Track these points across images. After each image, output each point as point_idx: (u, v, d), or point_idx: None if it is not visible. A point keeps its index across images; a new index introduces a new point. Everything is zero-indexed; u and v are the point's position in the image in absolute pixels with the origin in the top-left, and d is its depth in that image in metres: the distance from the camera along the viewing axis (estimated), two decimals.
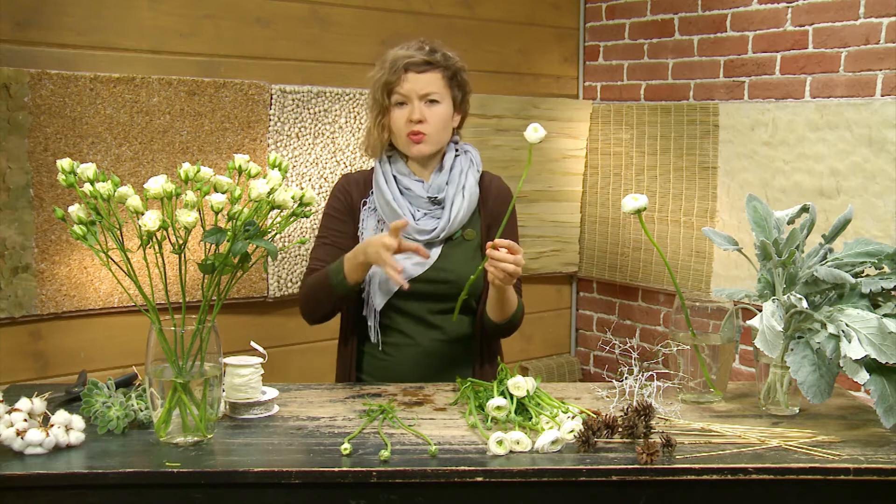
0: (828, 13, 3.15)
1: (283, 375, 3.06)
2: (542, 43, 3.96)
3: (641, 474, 1.48)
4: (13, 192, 2.64)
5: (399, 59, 2.02)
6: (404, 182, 2.07)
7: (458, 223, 2.06)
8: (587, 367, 4.24)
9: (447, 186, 2.07)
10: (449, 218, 2.04)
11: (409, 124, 2.02)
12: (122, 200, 1.52)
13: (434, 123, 2.03)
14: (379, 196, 2.07)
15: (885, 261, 1.74)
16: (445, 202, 2.06)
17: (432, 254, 2.05)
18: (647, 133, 3.80)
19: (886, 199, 2.99)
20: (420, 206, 2.06)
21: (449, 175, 2.08)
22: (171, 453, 1.52)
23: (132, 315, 2.89)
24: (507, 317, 2.05)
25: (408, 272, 2.01)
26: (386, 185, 2.06)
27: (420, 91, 2.02)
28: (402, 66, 2.01)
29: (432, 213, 2.06)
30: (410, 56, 2.02)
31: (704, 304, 1.88)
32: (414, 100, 2.02)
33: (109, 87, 2.77)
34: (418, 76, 2.02)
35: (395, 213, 2.03)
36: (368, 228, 2.08)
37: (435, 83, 2.03)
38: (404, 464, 1.48)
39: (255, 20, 3.10)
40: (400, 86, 2.02)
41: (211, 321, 1.58)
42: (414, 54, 2.02)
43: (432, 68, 2.03)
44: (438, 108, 2.04)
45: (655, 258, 3.80)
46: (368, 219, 2.09)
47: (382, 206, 2.06)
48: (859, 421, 1.76)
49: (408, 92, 2.02)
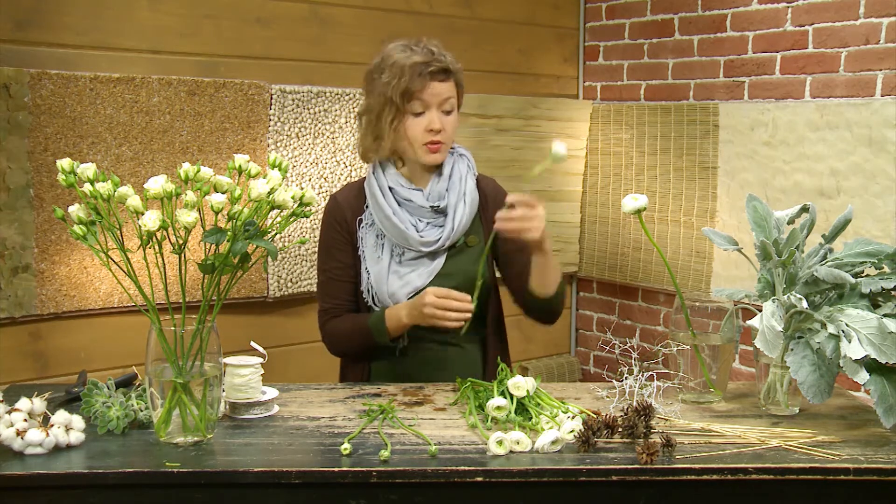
0: (828, 13, 3.15)
1: (283, 375, 3.06)
2: (542, 43, 3.96)
3: (641, 474, 1.48)
4: (13, 192, 2.64)
5: (419, 66, 1.94)
6: (402, 193, 2.02)
7: (461, 230, 2.03)
8: (587, 367, 4.24)
9: (448, 194, 2.03)
10: (453, 226, 2.01)
11: (428, 134, 1.98)
12: (122, 200, 1.52)
13: (449, 132, 2.01)
14: (377, 211, 2.02)
15: (885, 261, 1.74)
16: (448, 210, 2.02)
17: (435, 264, 2.02)
18: (647, 133, 3.80)
19: (886, 199, 2.99)
20: (422, 216, 2.02)
21: (448, 182, 2.04)
22: (171, 453, 1.52)
23: (132, 315, 2.89)
24: (552, 289, 1.98)
25: (413, 284, 2.00)
26: (384, 199, 2.01)
27: (440, 99, 1.98)
28: (426, 73, 1.95)
29: (435, 223, 2.03)
30: (429, 63, 1.95)
31: (704, 304, 1.88)
32: (433, 108, 1.98)
33: (109, 87, 2.77)
34: (440, 84, 1.97)
35: (396, 227, 1.99)
36: (368, 246, 2.04)
37: (451, 91, 2.00)
38: (404, 464, 1.48)
39: (255, 20, 3.10)
40: (422, 94, 1.96)
41: (211, 321, 1.58)
42: (432, 60, 1.96)
43: (448, 76, 1.99)
44: (452, 116, 2.01)
45: (655, 258, 3.80)
46: (367, 236, 2.05)
47: (382, 220, 2.01)
48: (859, 421, 1.76)
49: (429, 100, 1.97)
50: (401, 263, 2.02)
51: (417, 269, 2.00)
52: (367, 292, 2.03)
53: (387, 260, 2.02)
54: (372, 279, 2.02)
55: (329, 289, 2.08)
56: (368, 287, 2.03)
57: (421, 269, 2.00)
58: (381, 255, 2.03)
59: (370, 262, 2.03)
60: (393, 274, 2.01)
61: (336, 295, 2.07)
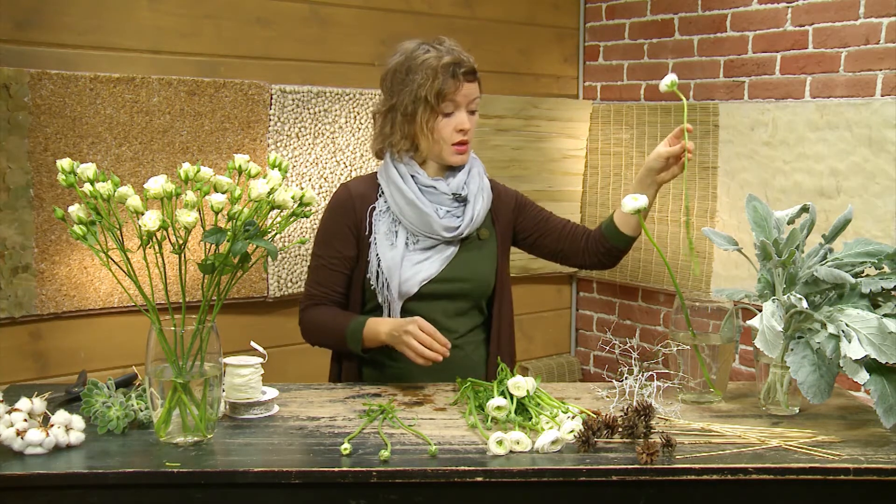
0: (828, 13, 3.15)
1: (282, 375, 3.06)
2: (542, 43, 3.96)
3: (641, 474, 1.48)
4: (13, 192, 2.64)
5: (451, 66, 1.96)
6: (423, 180, 2.03)
7: (478, 221, 2.06)
8: (587, 367, 4.24)
9: (467, 185, 2.06)
10: (472, 215, 2.03)
11: (457, 134, 2.00)
12: (122, 200, 1.52)
13: (473, 132, 2.05)
14: (397, 195, 2.02)
15: (885, 261, 1.74)
16: (469, 198, 2.05)
17: (448, 253, 2.03)
18: (647, 133, 3.80)
19: (886, 199, 2.99)
20: (443, 203, 2.04)
21: (468, 175, 2.07)
22: (171, 453, 1.52)
23: (132, 315, 2.89)
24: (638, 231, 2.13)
25: (427, 271, 2.00)
26: (405, 185, 2.02)
27: (469, 99, 2.01)
28: (459, 74, 1.97)
29: (454, 212, 2.04)
30: (460, 63, 1.97)
31: (704, 304, 1.88)
32: (462, 108, 2.00)
33: (109, 87, 2.77)
34: (470, 85, 2.00)
35: (420, 211, 2.00)
36: (381, 232, 2.04)
37: (477, 91, 2.03)
38: (404, 464, 1.48)
39: (255, 20, 3.10)
40: (455, 94, 1.98)
41: (211, 321, 1.58)
42: (462, 62, 1.98)
43: (475, 77, 2.02)
44: (475, 115, 2.05)
45: (655, 258, 3.80)
46: (379, 222, 2.05)
47: (402, 205, 2.02)
48: (859, 421, 1.76)
49: (461, 100, 1.99)
50: (414, 251, 2.03)
51: (431, 256, 2.01)
52: (374, 278, 2.03)
53: (401, 246, 2.02)
54: (383, 265, 2.01)
55: (319, 276, 2.07)
56: (378, 273, 2.02)
57: (434, 256, 2.01)
58: (394, 241, 2.03)
59: (382, 248, 2.03)
60: (406, 260, 2.01)
61: (324, 283, 2.07)
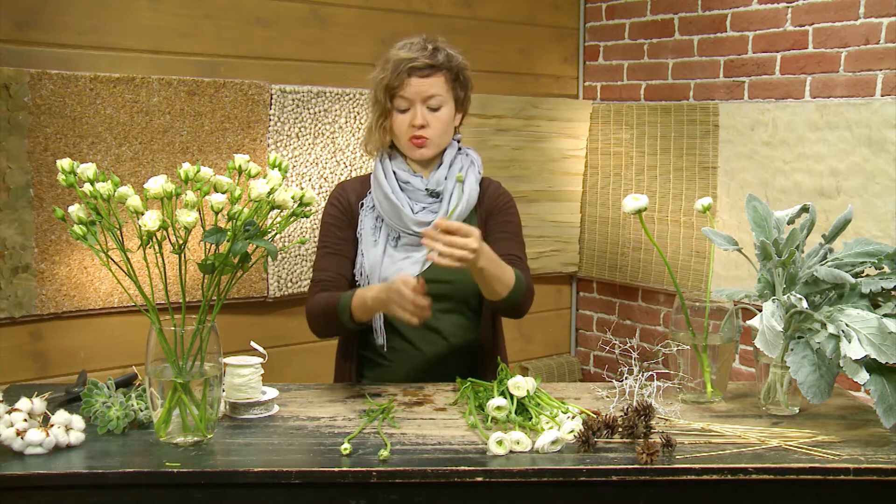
0: (828, 13, 3.15)
1: (283, 375, 3.06)
2: (542, 43, 3.96)
3: (641, 474, 1.48)
4: (13, 192, 2.64)
5: (401, 62, 1.97)
6: (403, 177, 2.04)
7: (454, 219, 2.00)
8: (587, 367, 4.24)
9: (445, 181, 2.05)
10: (446, 210, 2.01)
11: (412, 129, 2.00)
12: (122, 200, 1.52)
13: (436, 128, 2.01)
14: (378, 191, 2.04)
15: (885, 261, 1.74)
16: (444, 194, 2.04)
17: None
18: (647, 133, 3.80)
19: (886, 199, 2.99)
20: (418, 199, 2.04)
21: (448, 171, 2.06)
22: (171, 453, 1.52)
23: (132, 315, 2.89)
24: (502, 294, 1.91)
25: (407, 271, 2.00)
26: (385, 180, 2.03)
27: (423, 95, 1.99)
28: (405, 69, 1.97)
29: (430, 207, 2.04)
30: (413, 59, 1.97)
31: (704, 304, 1.88)
32: (417, 104, 1.99)
33: (109, 87, 2.77)
34: (422, 80, 1.98)
35: (393, 205, 2.01)
36: (366, 227, 2.06)
37: (437, 86, 2.00)
38: (404, 464, 1.48)
39: (255, 20, 3.10)
40: (403, 90, 1.98)
41: (211, 321, 1.58)
42: (416, 56, 1.97)
43: (435, 71, 1.99)
44: (441, 111, 2.01)
45: (655, 258, 3.80)
46: (366, 218, 2.06)
47: (381, 201, 2.04)
48: (859, 421, 1.76)
49: (411, 97, 1.98)
50: (396, 249, 2.03)
51: (412, 256, 2.01)
52: (360, 274, 2.04)
53: (382, 244, 2.03)
54: (366, 263, 2.03)
55: (325, 262, 2.07)
56: (362, 270, 2.04)
57: (416, 256, 2.00)
58: (377, 239, 2.04)
59: (366, 245, 2.04)
60: (388, 258, 2.02)
61: (329, 267, 2.05)
